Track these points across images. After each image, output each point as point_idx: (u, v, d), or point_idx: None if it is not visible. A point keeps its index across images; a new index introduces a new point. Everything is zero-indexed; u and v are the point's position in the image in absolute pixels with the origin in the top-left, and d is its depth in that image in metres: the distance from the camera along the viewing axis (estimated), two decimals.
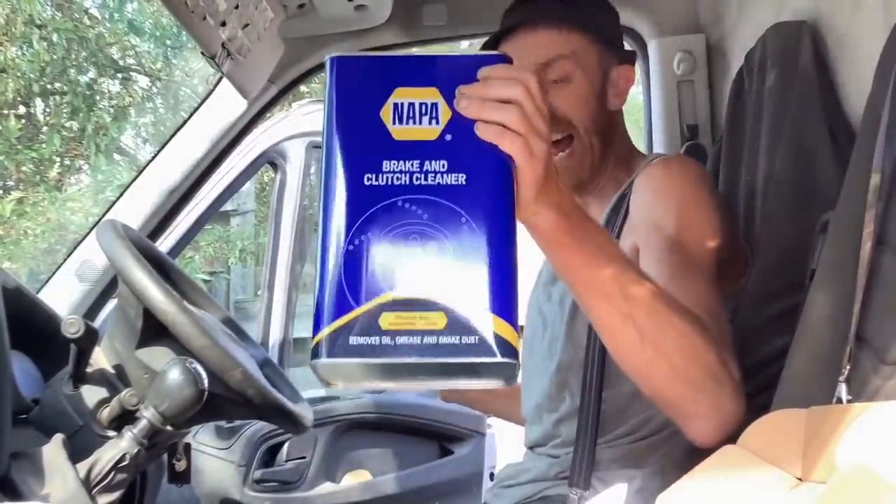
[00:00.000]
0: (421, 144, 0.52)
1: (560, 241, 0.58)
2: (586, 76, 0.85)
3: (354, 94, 0.53)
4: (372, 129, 0.52)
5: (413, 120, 0.52)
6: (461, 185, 0.51)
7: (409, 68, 0.54)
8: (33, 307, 0.90)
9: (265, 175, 4.59)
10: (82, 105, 5.15)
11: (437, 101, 0.53)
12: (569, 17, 0.85)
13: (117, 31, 5.49)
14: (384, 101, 0.52)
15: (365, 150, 0.52)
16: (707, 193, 0.81)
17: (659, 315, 0.62)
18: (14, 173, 5.17)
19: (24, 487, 0.65)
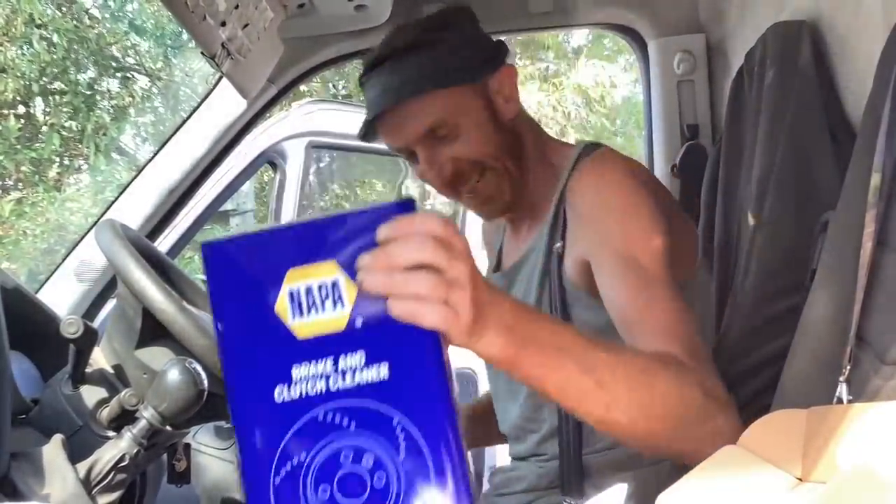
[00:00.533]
0: (330, 339, 0.45)
1: (514, 360, 0.53)
2: (471, 117, 0.83)
3: (241, 291, 0.45)
4: (271, 332, 0.45)
5: (315, 309, 0.45)
6: (385, 381, 0.44)
7: (297, 242, 0.45)
8: (32, 307, 0.90)
9: (265, 175, 4.59)
10: (82, 105, 5.15)
11: (336, 278, 0.45)
12: (428, 80, 0.82)
13: (117, 31, 5.49)
14: (277, 292, 0.45)
15: (268, 358, 0.45)
16: (644, 193, 0.79)
17: (639, 388, 0.59)
18: (13, 173, 5.17)
19: (24, 487, 0.65)
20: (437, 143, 0.84)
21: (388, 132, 0.86)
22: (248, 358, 0.45)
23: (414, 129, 0.83)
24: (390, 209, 0.46)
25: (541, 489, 0.87)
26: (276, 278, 0.45)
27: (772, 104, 0.89)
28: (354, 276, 0.45)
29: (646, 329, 0.70)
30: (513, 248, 0.94)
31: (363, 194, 5.99)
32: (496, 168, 0.85)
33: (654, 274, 0.73)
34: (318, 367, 0.45)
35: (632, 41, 1.37)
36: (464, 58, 0.84)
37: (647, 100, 1.38)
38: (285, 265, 0.45)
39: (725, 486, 0.53)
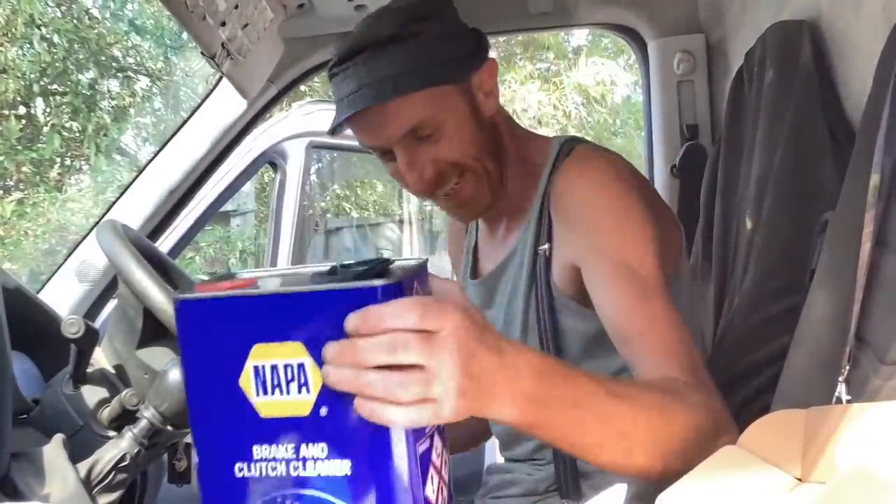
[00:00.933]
0: (293, 423, 0.43)
1: (532, 425, 0.50)
2: (452, 116, 0.77)
3: (209, 354, 0.44)
4: (235, 404, 0.43)
5: (279, 389, 0.42)
6: (345, 476, 0.42)
7: (266, 315, 0.43)
8: (34, 307, 0.91)
9: (265, 175, 4.60)
10: (83, 105, 5.16)
11: (302, 361, 0.42)
12: (415, 80, 0.75)
13: (118, 31, 5.49)
14: (241, 363, 0.43)
15: (231, 430, 0.43)
16: (632, 193, 0.76)
17: (659, 429, 0.57)
18: (14, 174, 5.17)
19: (25, 487, 0.65)
20: (417, 144, 0.77)
21: (365, 130, 0.79)
22: (213, 424, 0.44)
23: (395, 129, 0.76)
24: (365, 293, 0.42)
25: (538, 493, 0.86)
26: (242, 350, 0.43)
27: (772, 104, 0.89)
28: (322, 360, 0.42)
29: (645, 347, 0.69)
30: (491, 251, 0.90)
31: (363, 194, 5.99)
32: (476, 169, 0.80)
33: (651, 285, 0.71)
34: (279, 451, 0.43)
35: (632, 41, 1.37)
36: (449, 53, 0.78)
37: (646, 100, 1.38)
38: (252, 339, 0.43)
39: (725, 486, 0.53)
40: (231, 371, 0.43)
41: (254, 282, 0.46)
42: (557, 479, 0.82)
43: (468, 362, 0.45)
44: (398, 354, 0.43)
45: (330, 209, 5.82)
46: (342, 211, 5.90)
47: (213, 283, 0.46)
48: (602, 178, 0.78)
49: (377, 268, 0.45)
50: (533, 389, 0.49)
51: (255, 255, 5.30)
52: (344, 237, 5.63)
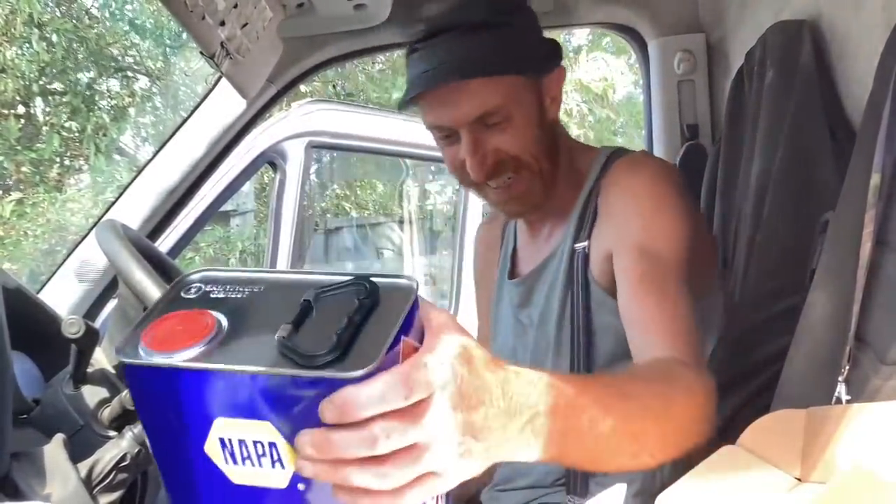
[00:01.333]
0: (269, 493, 0.38)
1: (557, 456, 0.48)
2: (522, 110, 0.81)
3: (167, 421, 0.39)
4: (204, 470, 0.39)
5: (251, 462, 0.38)
6: None
7: (226, 391, 0.37)
8: (34, 307, 0.90)
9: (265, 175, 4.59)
10: (82, 105, 5.15)
11: (274, 441, 0.37)
12: (497, 63, 0.78)
13: (117, 31, 5.49)
14: (205, 435, 0.38)
15: (204, 493, 0.39)
16: (675, 192, 0.79)
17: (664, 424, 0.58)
18: (14, 174, 5.17)
19: (25, 487, 0.65)
20: (484, 130, 0.80)
21: (439, 108, 0.80)
22: (184, 486, 0.40)
23: (469, 109, 0.79)
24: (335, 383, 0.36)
25: (546, 486, 0.87)
26: (203, 422, 0.38)
27: (772, 104, 0.89)
28: (293, 440, 0.38)
29: (650, 331, 0.70)
30: (531, 253, 0.93)
31: (363, 194, 5.99)
32: (532, 167, 0.82)
33: (670, 275, 0.73)
34: None
35: (632, 41, 1.37)
36: (531, 48, 0.82)
37: (647, 100, 1.38)
38: (214, 413, 0.38)
39: (725, 486, 0.53)
40: (195, 438, 0.39)
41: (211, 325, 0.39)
42: (568, 475, 0.83)
43: (468, 421, 0.40)
44: (380, 446, 0.37)
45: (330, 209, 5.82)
46: (342, 211, 5.90)
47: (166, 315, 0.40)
48: (650, 174, 0.81)
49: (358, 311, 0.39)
50: (549, 425, 0.46)
51: (255, 256, 5.30)
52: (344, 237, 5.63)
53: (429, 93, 0.80)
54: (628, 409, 0.55)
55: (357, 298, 0.40)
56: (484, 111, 0.79)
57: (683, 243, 0.76)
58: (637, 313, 0.72)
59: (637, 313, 0.72)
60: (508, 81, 0.79)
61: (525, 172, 0.83)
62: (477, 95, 0.78)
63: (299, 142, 1.85)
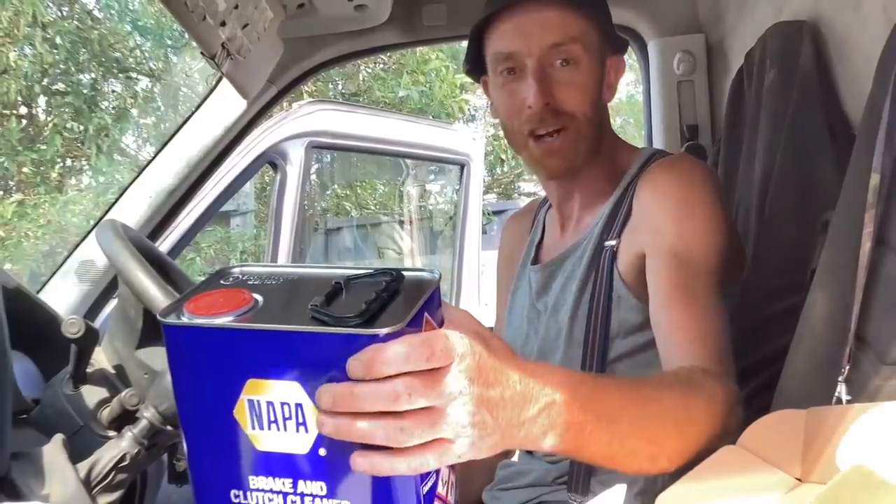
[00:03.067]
0: (290, 458, 0.40)
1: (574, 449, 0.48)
2: (591, 62, 0.82)
3: (200, 382, 0.41)
4: (229, 433, 0.41)
5: (276, 426, 0.40)
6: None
7: (261, 351, 0.40)
8: (34, 307, 0.91)
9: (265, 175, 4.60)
10: (83, 106, 5.16)
11: (300, 402, 0.39)
12: (586, 3, 0.82)
13: (119, 32, 5.50)
14: (236, 395, 0.40)
15: (227, 459, 0.41)
16: (712, 197, 0.79)
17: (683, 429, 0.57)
18: (15, 175, 5.17)
19: (25, 487, 0.65)
20: (551, 70, 0.81)
21: (519, 29, 0.81)
22: (207, 450, 0.42)
23: (550, 35, 0.80)
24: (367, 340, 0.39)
25: (546, 484, 0.87)
26: (235, 383, 0.40)
27: (772, 104, 0.89)
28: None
29: (677, 332, 0.70)
30: (556, 242, 0.94)
31: (363, 194, 5.99)
32: (579, 127, 0.83)
33: (701, 277, 0.73)
34: (276, 484, 0.41)
35: (632, 41, 1.37)
36: (609, 18, 0.87)
37: (646, 100, 1.38)
38: (246, 373, 0.40)
39: (725, 486, 0.53)
40: (224, 401, 0.41)
41: (249, 300, 0.42)
42: (570, 473, 0.83)
43: (484, 396, 0.42)
44: (401, 403, 0.39)
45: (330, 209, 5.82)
46: (342, 211, 5.91)
47: (207, 292, 0.43)
48: (689, 178, 0.80)
49: (385, 290, 0.42)
50: (566, 415, 0.47)
51: (256, 256, 5.30)
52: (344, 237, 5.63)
53: (507, 14, 0.81)
54: (648, 411, 0.55)
55: (385, 281, 0.43)
56: (561, 39, 0.80)
57: (717, 250, 0.76)
58: (666, 320, 0.72)
59: (666, 320, 0.72)
60: (588, 26, 0.82)
61: (572, 132, 0.83)
62: (558, 23, 0.80)
63: (300, 142, 1.85)
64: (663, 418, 0.56)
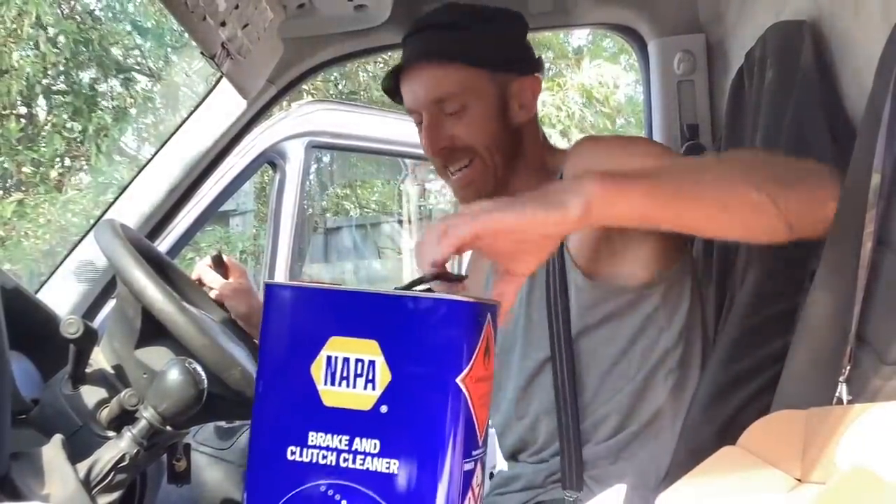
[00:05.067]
0: (352, 415, 0.45)
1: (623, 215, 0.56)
2: (480, 103, 0.88)
3: (287, 338, 0.47)
4: (302, 388, 0.46)
5: (347, 382, 0.45)
6: (391, 475, 0.44)
7: (349, 310, 0.46)
8: (32, 307, 0.90)
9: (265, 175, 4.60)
10: (83, 106, 5.16)
11: (374, 359, 0.45)
12: (456, 52, 0.88)
13: (119, 32, 5.50)
14: (317, 352, 0.46)
15: (292, 413, 0.46)
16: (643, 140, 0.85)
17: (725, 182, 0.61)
18: (15, 174, 5.17)
19: (24, 487, 0.65)
20: (442, 117, 0.89)
21: (407, 88, 0.91)
22: (277, 404, 0.47)
23: (428, 92, 0.88)
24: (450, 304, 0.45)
25: (539, 485, 0.87)
26: (319, 339, 0.46)
27: (772, 104, 0.89)
28: (393, 361, 0.45)
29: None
30: None
31: (363, 194, 5.99)
32: (485, 160, 0.89)
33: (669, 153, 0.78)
34: (333, 441, 0.45)
35: (632, 41, 1.37)
36: (496, 50, 0.90)
37: (647, 100, 1.38)
38: (331, 331, 0.46)
39: (725, 486, 0.53)
40: (305, 357, 0.46)
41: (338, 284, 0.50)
42: (562, 471, 0.83)
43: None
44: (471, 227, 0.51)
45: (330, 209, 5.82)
46: (342, 210, 5.91)
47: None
48: (610, 137, 0.86)
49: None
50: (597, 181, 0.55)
51: (255, 256, 5.30)
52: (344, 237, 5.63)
53: (403, 78, 0.91)
54: (700, 175, 0.61)
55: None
56: (440, 95, 0.88)
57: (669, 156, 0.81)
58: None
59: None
60: (466, 72, 0.88)
61: (478, 163, 0.89)
62: (434, 80, 0.88)
63: (299, 142, 1.85)
64: (700, 184, 0.61)
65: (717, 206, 0.60)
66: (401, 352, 0.45)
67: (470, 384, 0.45)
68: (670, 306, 0.84)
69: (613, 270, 0.84)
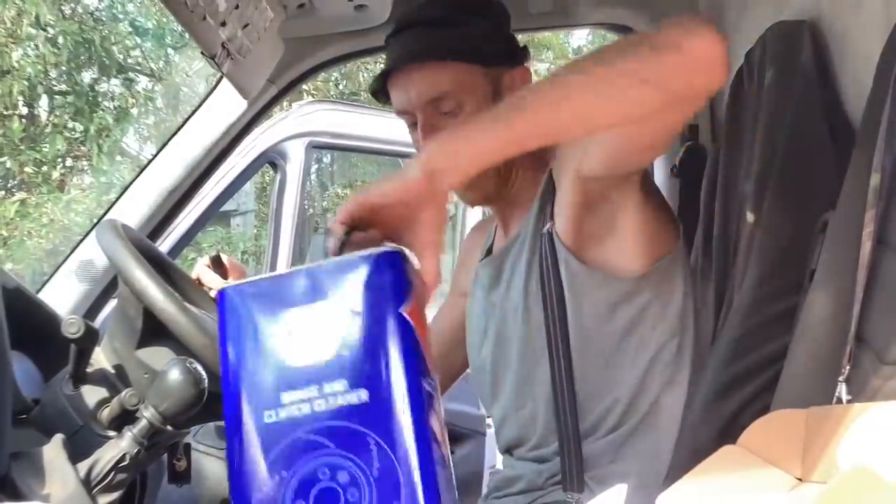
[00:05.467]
0: (318, 367, 0.49)
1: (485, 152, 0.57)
2: (475, 99, 0.86)
3: (245, 323, 0.51)
4: (268, 362, 0.50)
5: (307, 342, 0.50)
6: (364, 404, 0.48)
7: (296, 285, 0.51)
8: (33, 307, 0.91)
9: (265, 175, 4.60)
10: (85, 106, 5.17)
11: (328, 318, 0.50)
12: (448, 50, 0.86)
13: (120, 32, 5.50)
14: (277, 327, 0.51)
15: (262, 386, 0.50)
16: None
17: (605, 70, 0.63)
18: (17, 174, 5.18)
19: (25, 487, 0.65)
20: (438, 116, 0.86)
21: (398, 92, 0.89)
22: (247, 379, 0.50)
23: (421, 93, 0.86)
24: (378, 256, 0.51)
25: (539, 487, 0.87)
26: (278, 316, 0.51)
27: (772, 104, 0.89)
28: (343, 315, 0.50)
29: None
30: (501, 237, 0.97)
31: None
32: None
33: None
34: (305, 393, 0.49)
35: None
36: (487, 43, 0.88)
37: None
38: (287, 305, 0.51)
39: (725, 486, 0.53)
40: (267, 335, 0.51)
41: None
42: (563, 471, 0.83)
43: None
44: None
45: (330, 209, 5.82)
46: None
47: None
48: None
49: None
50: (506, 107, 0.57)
51: (256, 256, 5.31)
52: None
53: (391, 80, 0.88)
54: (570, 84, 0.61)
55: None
56: (435, 95, 0.85)
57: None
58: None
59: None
60: (461, 69, 0.86)
61: None
62: (428, 79, 0.85)
63: (300, 142, 1.85)
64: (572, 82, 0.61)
65: (582, 105, 0.61)
66: (346, 305, 0.50)
67: (413, 315, 0.50)
68: (664, 299, 0.84)
69: (605, 252, 0.83)
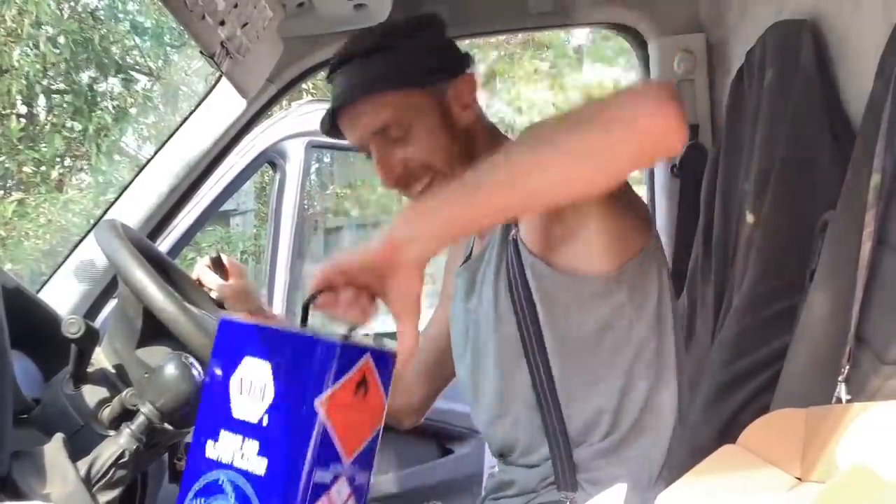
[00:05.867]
0: (248, 422, 0.54)
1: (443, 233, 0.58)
2: (424, 121, 0.87)
3: (221, 356, 0.57)
4: (222, 394, 0.56)
5: (251, 395, 0.55)
6: (260, 476, 0.52)
7: (258, 339, 0.56)
8: (33, 307, 0.91)
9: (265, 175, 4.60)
10: (84, 106, 5.16)
11: (266, 380, 0.54)
12: (383, 81, 0.86)
13: (119, 31, 5.50)
14: (234, 368, 0.56)
15: (215, 413, 0.56)
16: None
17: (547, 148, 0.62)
18: (15, 174, 5.17)
19: (26, 487, 0.65)
20: (389, 143, 0.87)
21: (346, 128, 0.91)
22: (207, 406, 0.57)
23: (366, 127, 0.87)
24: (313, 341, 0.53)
25: (533, 490, 0.87)
26: (237, 359, 0.56)
27: (772, 104, 0.89)
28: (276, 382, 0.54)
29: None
30: (478, 243, 0.98)
31: (363, 194, 5.99)
32: (445, 172, 0.87)
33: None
34: (234, 441, 0.55)
35: (632, 41, 1.37)
36: (421, 63, 0.88)
37: None
38: (245, 353, 0.56)
39: (725, 485, 0.53)
40: (230, 372, 0.56)
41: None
42: (555, 471, 0.83)
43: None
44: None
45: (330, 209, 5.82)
46: (342, 210, 5.91)
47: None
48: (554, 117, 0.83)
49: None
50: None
51: (256, 256, 5.31)
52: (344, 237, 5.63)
53: (339, 118, 0.90)
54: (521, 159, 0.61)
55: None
56: (380, 126, 0.87)
57: None
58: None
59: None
60: (398, 96, 0.86)
61: (441, 178, 0.87)
62: (370, 114, 0.87)
63: (299, 141, 1.85)
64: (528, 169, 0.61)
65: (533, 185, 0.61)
66: (281, 375, 0.54)
67: (330, 408, 0.52)
68: (639, 296, 0.82)
69: (572, 255, 0.82)
